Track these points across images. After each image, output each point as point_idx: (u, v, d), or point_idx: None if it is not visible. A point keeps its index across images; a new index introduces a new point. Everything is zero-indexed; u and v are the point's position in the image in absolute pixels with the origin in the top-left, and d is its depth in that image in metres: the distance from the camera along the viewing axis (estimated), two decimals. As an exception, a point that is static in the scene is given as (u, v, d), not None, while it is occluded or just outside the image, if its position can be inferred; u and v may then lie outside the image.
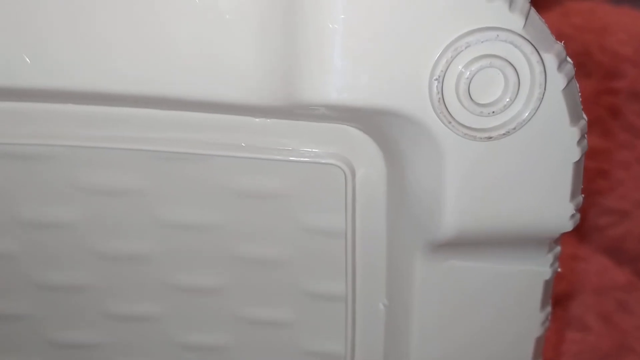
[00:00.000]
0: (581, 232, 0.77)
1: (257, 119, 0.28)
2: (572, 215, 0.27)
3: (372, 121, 0.27)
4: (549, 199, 0.27)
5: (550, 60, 0.24)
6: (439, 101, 0.25)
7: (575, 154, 0.26)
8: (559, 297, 0.72)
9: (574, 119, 0.26)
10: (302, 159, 0.29)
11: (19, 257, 0.32)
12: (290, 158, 0.29)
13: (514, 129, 0.25)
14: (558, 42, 0.25)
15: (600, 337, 0.69)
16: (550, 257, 0.30)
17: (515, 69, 0.24)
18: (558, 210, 0.27)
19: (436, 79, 0.24)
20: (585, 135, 0.26)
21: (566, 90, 0.25)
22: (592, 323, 0.71)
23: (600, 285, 0.75)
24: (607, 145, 0.87)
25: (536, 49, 0.24)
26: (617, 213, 0.81)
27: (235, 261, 0.32)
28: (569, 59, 0.25)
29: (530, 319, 0.31)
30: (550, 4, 1.00)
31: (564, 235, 0.29)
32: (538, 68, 0.24)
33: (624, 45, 0.96)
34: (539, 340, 0.32)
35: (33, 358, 0.35)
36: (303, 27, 0.24)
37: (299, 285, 0.32)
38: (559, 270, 0.31)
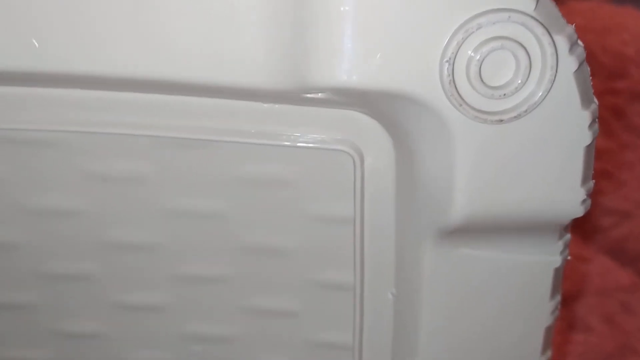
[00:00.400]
0: (584, 232, 0.77)
1: (265, 105, 0.28)
2: (583, 201, 0.27)
3: (381, 105, 0.27)
4: (560, 184, 0.27)
5: (562, 42, 0.24)
6: (449, 83, 0.24)
7: (587, 137, 0.26)
8: (562, 298, 0.72)
9: (585, 102, 0.26)
10: (310, 144, 0.29)
11: (24, 245, 0.32)
12: (298, 144, 0.29)
13: (525, 111, 0.25)
14: (569, 24, 0.25)
15: (604, 338, 0.69)
16: (560, 245, 0.29)
17: (527, 51, 0.24)
18: (569, 195, 0.27)
19: (447, 61, 0.24)
20: (597, 119, 0.26)
21: (577, 72, 0.25)
22: (595, 324, 0.71)
23: (603, 287, 0.74)
24: (610, 146, 0.87)
25: (548, 31, 0.24)
26: (620, 214, 0.81)
27: (242, 250, 0.32)
28: (580, 42, 0.25)
29: (540, 308, 0.31)
30: (552, 5, 1.00)
31: None
32: (549, 50, 0.24)
33: (627, 46, 0.96)
34: (548, 330, 0.31)
35: (39, 348, 0.35)
36: (313, 9, 0.24)
37: (307, 274, 0.32)
38: (569, 258, 0.30)
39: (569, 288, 0.73)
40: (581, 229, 0.77)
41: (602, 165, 0.83)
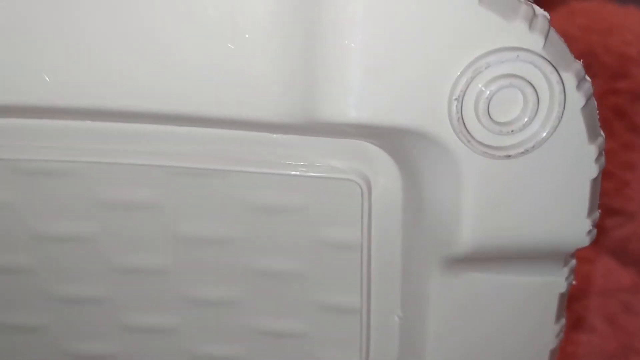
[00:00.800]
0: (587, 234, 0.77)
1: (274, 135, 0.28)
2: (589, 231, 0.28)
3: (390, 138, 0.27)
4: (566, 215, 0.27)
5: (570, 79, 0.25)
6: (458, 120, 0.25)
7: (593, 171, 0.26)
8: (566, 299, 0.72)
9: (592, 136, 0.26)
10: (318, 174, 0.29)
11: (37, 270, 0.32)
12: (306, 173, 0.29)
13: (533, 147, 0.25)
14: (576, 60, 0.25)
15: (606, 338, 0.69)
16: (565, 271, 0.30)
17: (535, 89, 0.24)
18: (575, 226, 0.27)
19: (456, 99, 0.24)
20: (603, 152, 0.27)
21: (585, 108, 0.25)
22: (598, 325, 0.71)
23: (605, 287, 0.75)
24: (612, 146, 0.87)
25: (556, 69, 0.24)
26: (622, 214, 0.81)
27: (250, 274, 0.32)
28: (587, 77, 0.25)
29: (545, 331, 0.31)
30: (555, 4, 1.00)
31: None
32: (558, 88, 0.24)
33: (630, 46, 0.96)
34: (553, 353, 0.32)
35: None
36: (322, 45, 0.24)
37: (314, 297, 0.32)
38: (574, 283, 0.31)
39: (571, 288, 0.73)
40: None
41: (605, 166, 0.84)
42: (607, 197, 0.81)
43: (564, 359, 0.68)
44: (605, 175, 0.84)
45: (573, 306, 0.73)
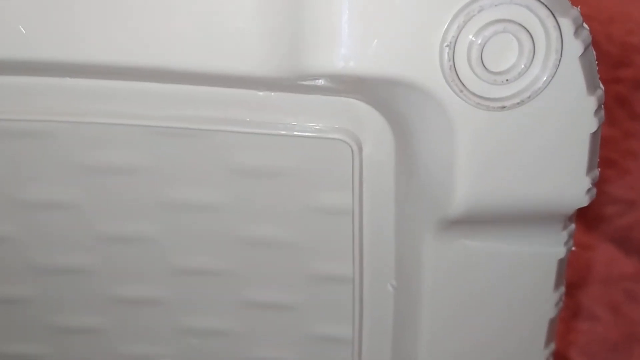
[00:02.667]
0: (588, 221, 0.76)
1: (260, 93, 0.27)
2: (589, 190, 0.27)
3: (380, 93, 0.26)
4: (564, 172, 0.26)
5: (567, 25, 0.23)
6: (450, 69, 0.24)
7: (593, 124, 0.25)
8: (567, 287, 0.72)
9: (591, 87, 0.25)
10: (306, 134, 0.28)
11: (18, 238, 0.31)
12: (295, 133, 0.28)
13: (529, 97, 0.24)
14: (574, 7, 0.24)
15: (609, 326, 0.69)
16: (565, 235, 0.29)
17: (531, 34, 0.23)
18: (574, 184, 0.26)
19: (447, 45, 0.23)
20: (602, 106, 0.25)
21: (583, 57, 0.24)
22: (601, 313, 0.71)
23: (608, 275, 0.74)
24: (615, 134, 0.86)
25: (552, 13, 0.23)
26: (624, 202, 0.80)
27: (239, 242, 0.31)
28: (585, 25, 0.24)
29: (544, 300, 0.30)
30: (556, -7, 0.99)
31: None
32: (554, 33, 0.23)
33: (632, 35, 0.96)
34: (552, 322, 0.31)
35: (35, 342, 0.34)
36: (309, -5, 0.23)
37: (306, 266, 0.32)
38: (574, 249, 0.30)
39: (574, 277, 0.72)
40: (585, 217, 0.76)
41: (606, 154, 0.83)
42: (609, 185, 0.81)
43: (567, 347, 0.67)
44: (607, 163, 0.83)
45: (576, 294, 0.72)
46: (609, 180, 0.81)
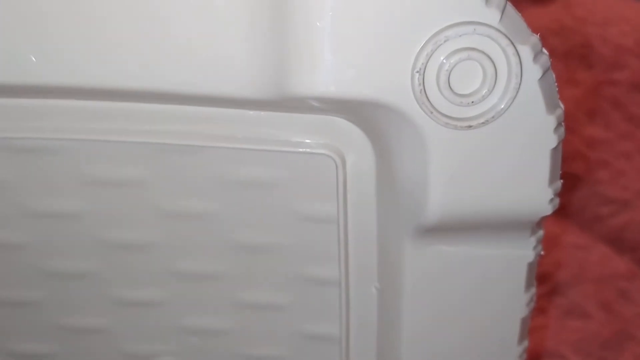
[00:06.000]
0: (583, 221, 0.78)
1: (251, 112, 0.30)
2: (551, 200, 0.29)
3: (360, 112, 0.28)
4: (528, 184, 0.28)
5: (526, 52, 0.26)
6: (420, 92, 0.26)
7: (552, 141, 0.27)
8: (560, 285, 0.73)
9: (551, 107, 0.27)
10: (294, 149, 0.30)
11: (27, 246, 0.34)
12: (283, 149, 0.30)
13: (493, 117, 0.26)
14: (534, 34, 0.27)
15: (601, 325, 0.70)
16: (533, 241, 0.31)
17: (493, 61, 0.26)
18: (537, 195, 0.28)
19: (417, 72, 0.26)
20: (562, 123, 0.28)
21: (542, 80, 0.26)
22: (593, 311, 0.72)
23: (601, 274, 0.75)
24: (609, 136, 0.88)
25: (512, 42, 0.25)
26: (618, 203, 0.82)
27: (232, 248, 0.33)
28: (544, 51, 0.27)
29: (516, 300, 0.32)
30: (552, -4, 1.01)
31: (566, 224, 0.30)
32: (514, 60, 0.26)
33: (626, 37, 0.97)
34: (524, 321, 0.33)
35: (43, 342, 0.37)
36: (292, 25, 0.26)
37: (294, 270, 0.34)
38: (542, 253, 0.32)
39: (567, 275, 0.74)
40: (580, 217, 0.78)
41: (601, 155, 0.84)
42: (603, 186, 0.82)
43: (559, 345, 0.69)
44: (601, 164, 0.85)
45: (568, 293, 0.73)
46: (604, 182, 0.82)
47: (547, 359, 0.68)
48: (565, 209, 0.76)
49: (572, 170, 0.78)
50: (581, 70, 0.93)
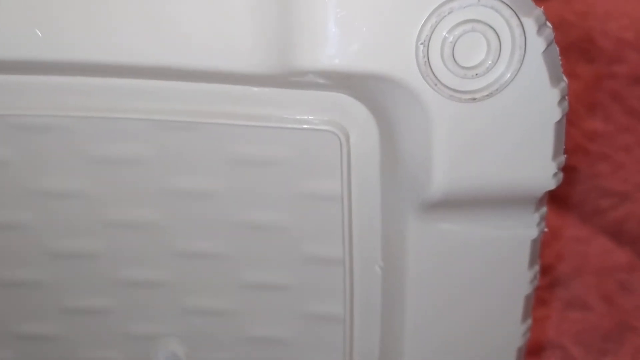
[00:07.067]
0: (583, 214, 0.78)
1: (255, 89, 0.30)
2: (555, 174, 0.29)
3: (363, 87, 0.28)
4: (531, 158, 0.28)
5: (530, 24, 0.26)
6: (425, 64, 0.26)
7: (556, 114, 0.27)
8: (561, 277, 0.73)
9: (554, 80, 0.27)
10: (298, 126, 0.30)
11: (29, 225, 0.34)
12: (287, 125, 0.30)
13: (497, 90, 0.27)
14: (538, 7, 0.27)
15: (602, 316, 0.70)
16: (536, 217, 0.31)
17: (497, 33, 0.26)
18: (541, 169, 0.28)
19: (422, 43, 0.26)
20: (566, 97, 0.28)
21: (546, 53, 0.26)
22: (594, 303, 0.72)
23: (601, 266, 0.75)
24: (609, 129, 0.88)
25: (515, 13, 0.25)
26: (618, 195, 0.82)
27: (236, 227, 0.33)
28: (548, 24, 0.27)
29: (519, 278, 0.32)
30: (552, -10, 1.01)
31: (567, 217, 0.30)
32: (518, 31, 0.26)
33: (626, 31, 0.97)
34: (528, 298, 0.33)
35: (46, 323, 0.37)
36: (297, -1, 0.26)
37: (299, 249, 0.34)
38: (546, 230, 0.32)
39: (568, 268, 0.74)
40: (580, 210, 0.78)
41: (601, 148, 0.84)
42: (603, 179, 0.82)
43: (560, 337, 0.69)
44: (601, 157, 0.85)
45: (569, 285, 0.73)
46: (604, 174, 0.83)
47: (549, 350, 0.68)
48: (566, 201, 0.76)
49: (573, 163, 0.78)
50: (581, 64, 0.93)
